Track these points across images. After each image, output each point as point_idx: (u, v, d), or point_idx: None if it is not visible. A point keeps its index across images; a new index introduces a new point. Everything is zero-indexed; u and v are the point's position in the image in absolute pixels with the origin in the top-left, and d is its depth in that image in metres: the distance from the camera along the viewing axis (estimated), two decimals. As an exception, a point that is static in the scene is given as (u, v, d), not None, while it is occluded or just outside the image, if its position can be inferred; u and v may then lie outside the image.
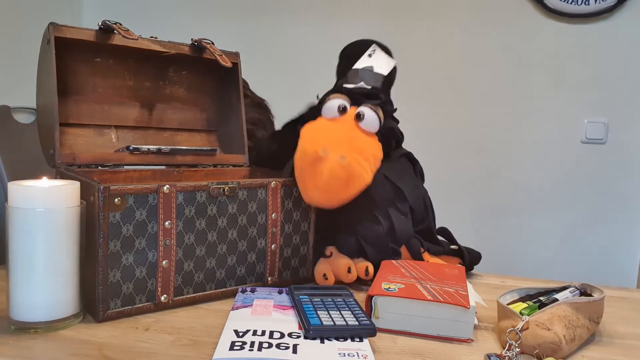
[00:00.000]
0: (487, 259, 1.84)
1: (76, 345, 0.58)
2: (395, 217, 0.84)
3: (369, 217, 0.84)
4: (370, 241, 0.83)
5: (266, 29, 2.00)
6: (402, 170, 0.90)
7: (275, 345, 0.57)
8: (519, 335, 0.58)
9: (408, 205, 0.87)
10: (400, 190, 0.86)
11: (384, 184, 0.85)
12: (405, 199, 0.86)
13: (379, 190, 0.84)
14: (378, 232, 0.83)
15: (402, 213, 0.86)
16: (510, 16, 1.80)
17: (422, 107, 1.89)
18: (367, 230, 0.83)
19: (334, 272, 0.81)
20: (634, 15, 1.71)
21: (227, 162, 0.95)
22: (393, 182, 0.86)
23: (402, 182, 0.87)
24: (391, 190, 0.86)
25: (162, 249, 0.67)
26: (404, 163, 0.92)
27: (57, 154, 0.75)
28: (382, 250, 0.83)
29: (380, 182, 0.84)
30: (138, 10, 2.10)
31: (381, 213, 0.84)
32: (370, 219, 0.84)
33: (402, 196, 0.86)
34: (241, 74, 0.97)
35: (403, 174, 0.89)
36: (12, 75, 1.75)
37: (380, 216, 0.84)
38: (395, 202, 0.85)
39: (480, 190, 1.88)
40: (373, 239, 0.83)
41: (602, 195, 1.79)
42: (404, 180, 0.88)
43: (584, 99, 1.77)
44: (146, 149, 0.85)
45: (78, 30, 0.79)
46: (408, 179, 0.89)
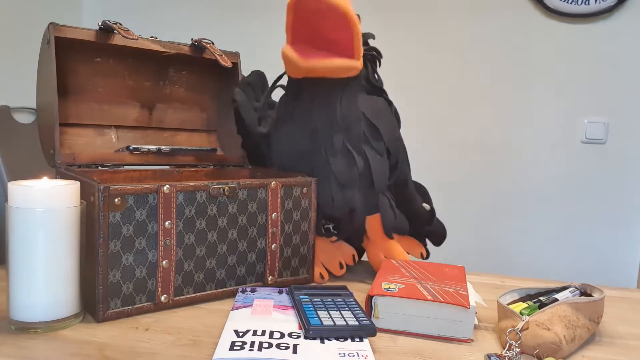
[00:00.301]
0: (487, 259, 1.86)
1: (76, 345, 0.58)
2: (371, 156, 0.82)
3: (345, 157, 0.82)
4: (344, 182, 0.81)
5: (266, 29, 2.00)
6: (379, 109, 0.87)
7: (276, 345, 0.57)
8: (519, 335, 0.58)
9: (384, 145, 0.84)
10: (376, 129, 0.84)
11: (360, 121, 0.82)
12: (381, 138, 0.84)
13: (354, 127, 0.82)
14: (352, 170, 0.81)
15: (378, 152, 0.83)
16: (510, 16, 1.80)
17: (422, 107, 1.89)
18: (341, 169, 0.81)
19: (327, 267, 0.84)
20: (634, 15, 1.71)
21: (227, 162, 0.95)
22: (369, 119, 0.83)
23: (378, 120, 0.84)
24: (367, 127, 0.83)
25: (162, 249, 0.67)
26: (381, 102, 0.89)
27: (57, 154, 0.75)
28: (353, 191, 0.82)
29: (357, 118, 0.82)
30: (138, 10, 2.10)
31: (359, 151, 0.82)
32: (347, 159, 0.82)
33: (378, 135, 0.84)
34: (241, 74, 0.97)
35: (380, 112, 0.86)
36: (12, 75, 1.75)
37: (357, 154, 0.82)
38: (370, 140, 0.83)
39: (480, 190, 1.88)
40: (346, 180, 0.81)
41: (602, 195, 1.79)
42: (381, 119, 0.85)
43: (584, 99, 1.77)
44: (146, 149, 0.85)
45: (78, 30, 0.79)
46: (385, 118, 0.86)
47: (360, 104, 0.83)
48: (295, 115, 0.83)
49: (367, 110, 0.83)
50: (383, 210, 0.85)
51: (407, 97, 1.88)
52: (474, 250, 1.83)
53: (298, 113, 0.83)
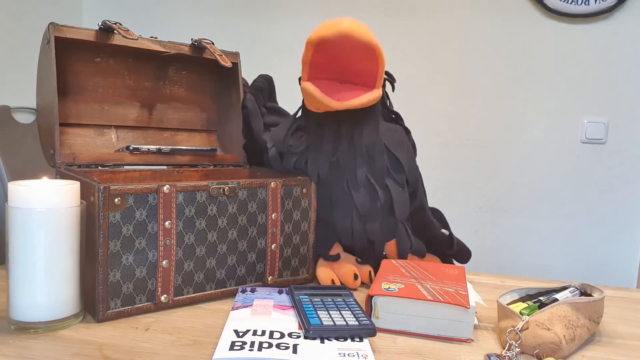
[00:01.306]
0: (487, 259, 1.85)
1: (76, 345, 0.58)
2: (393, 189, 0.82)
3: (364, 185, 0.81)
4: (366, 216, 0.81)
5: (266, 29, 2.00)
6: (399, 138, 0.87)
7: (275, 345, 0.57)
8: (519, 335, 0.58)
9: (405, 177, 0.84)
10: (397, 160, 0.84)
11: (382, 153, 0.83)
12: (402, 169, 0.84)
13: (377, 158, 0.82)
14: (374, 204, 0.81)
15: (399, 184, 0.84)
16: (510, 16, 1.80)
17: (422, 107, 1.89)
18: (363, 202, 0.81)
19: (339, 277, 0.81)
20: (634, 15, 1.71)
21: (227, 162, 0.95)
22: (391, 150, 0.83)
23: (399, 152, 0.85)
24: (388, 158, 0.83)
25: (162, 249, 0.67)
26: (400, 131, 0.89)
27: (57, 154, 0.75)
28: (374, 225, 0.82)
29: (379, 150, 0.82)
30: (138, 10, 2.10)
31: (380, 184, 0.82)
32: (366, 188, 0.82)
33: (400, 167, 0.84)
34: (241, 74, 0.97)
35: (400, 143, 0.86)
36: (12, 75, 1.75)
37: (379, 187, 0.82)
38: (393, 173, 0.83)
39: (480, 190, 1.88)
40: (369, 212, 0.81)
41: (602, 195, 1.79)
42: (402, 150, 0.85)
43: (584, 99, 1.78)
44: (146, 149, 0.85)
45: (78, 30, 0.79)
46: (405, 148, 0.87)
47: (382, 134, 0.83)
48: (313, 146, 0.83)
49: (388, 141, 0.84)
50: (399, 238, 0.85)
51: (407, 97, 1.88)
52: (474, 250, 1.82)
53: (317, 144, 0.83)
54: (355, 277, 0.80)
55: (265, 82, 0.94)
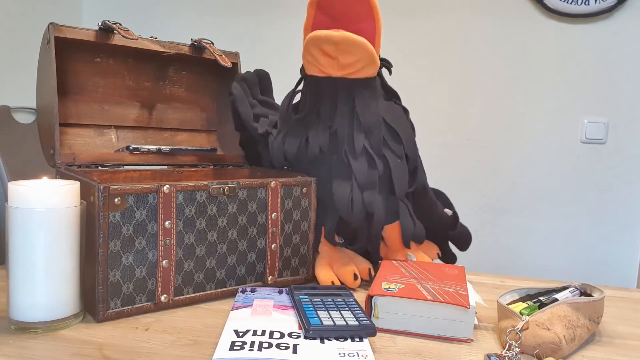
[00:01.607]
0: (487, 259, 1.85)
1: (76, 345, 0.58)
2: (391, 159, 0.82)
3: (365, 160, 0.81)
4: (365, 185, 0.81)
5: (266, 29, 2.00)
6: (397, 114, 0.87)
7: (275, 345, 0.57)
8: (519, 335, 0.58)
9: (403, 149, 0.84)
10: (395, 132, 0.84)
11: (380, 125, 0.83)
12: (400, 142, 0.84)
13: (375, 130, 0.82)
14: (372, 173, 0.81)
15: (398, 156, 0.83)
16: (510, 16, 1.80)
17: (422, 107, 1.89)
18: (362, 170, 0.81)
19: (339, 277, 0.81)
20: (634, 15, 1.71)
21: (227, 162, 0.95)
22: (389, 123, 0.83)
23: (398, 125, 0.84)
24: (387, 131, 0.83)
25: (162, 248, 0.67)
26: (399, 110, 0.89)
27: (57, 154, 0.75)
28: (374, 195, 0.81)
29: (377, 124, 0.82)
30: (138, 10, 2.10)
31: (379, 155, 0.82)
32: (364, 157, 0.81)
33: (398, 139, 0.84)
34: (241, 74, 0.97)
35: (399, 119, 0.86)
36: (12, 75, 1.75)
37: (377, 158, 0.81)
38: (390, 144, 0.83)
39: (480, 190, 1.88)
40: (367, 182, 0.81)
41: (602, 195, 1.79)
42: (401, 124, 0.85)
43: (584, 99, 1.78)
44: (146, 149, 0.85)
45: (78, 30, 0.79)
46: (403, 123, 0.87)
47: (380, 108, 0.83)
48: (313, 116, 0.83)
49: (387, 115, 0.84)
50: (402, 218, 0.84)
51: (407, 97, 1.88)
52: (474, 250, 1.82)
53: (317, 114, 0.82)
54: (355, 277, 0.80)
55: (255, 76, 0.94)
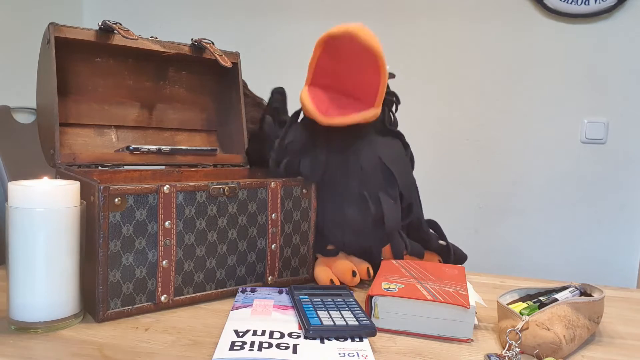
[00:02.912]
0: (487, 259, 1.85)
1: (76, 345, 0.58)
2: (385, 202, 0.82)
3: (359, 203, 0.82)
4: (358, 231, 0.82)
5: (266, 29, 2.00)
6: (395, 153, 0.87)
7: (275, 345, 0.57)
8: (519, 335, 0.58)
9: (398, 190, 0.84)
10: (391, 174, 0.84)
11: (377, 167, 0.83)
12: (395, 183, 0.84)
13: (370, 172, 0.82)
14: (366, 219, 0.81)
15: (392, 197, 0.83)
16: (510, 16, 1.80)
17: (422, 107, 1.89)
18: (356, 219, 0.81)
19: (338, 276, 0.81)
20: (634, 15, 1.71)
21: (227, 162, 0.95)
22: (385, 164, 0.83)
23: (394, 166, 0.84)
24: (382, 173, 0.83)
25: (162, 249, 0.67)
26: (398, 146, 0.89)
27: (57, 154, 0.75)
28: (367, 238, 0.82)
29: (374, 165, 0.82)
30: (138, 10, 2.10)
31: (372, 197, 0.82)
32: (360, 205, 0.82)
33: (393, 180, 0.84)
34: (241, 74, 0.97)
35: (396, 157, 0.86)
36: (12, 75, 1.75)
37: (371, 200, 0.82)
38: (386, 186, 0.83)
39: (480, 190, 1.88)
40: (361, 229, 0.82)
41: (602, 195, 1.79)
42: (397, 164, 0.85)
43: (583, 99, 1.78)
44: (146, 149, 0.85)
45: (78, 30, 0.79)
46: (401, 163, 0.87)
47: (378, 148, 0.83)
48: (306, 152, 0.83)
49: (384, 155, 0.84)
50: (393, 242, 0.85)
51: (407, 97, 1.88)
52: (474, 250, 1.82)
53: (310, 152, 0.83)
54: (354, 275, 0.80)
55: (280, 99, 0.93)
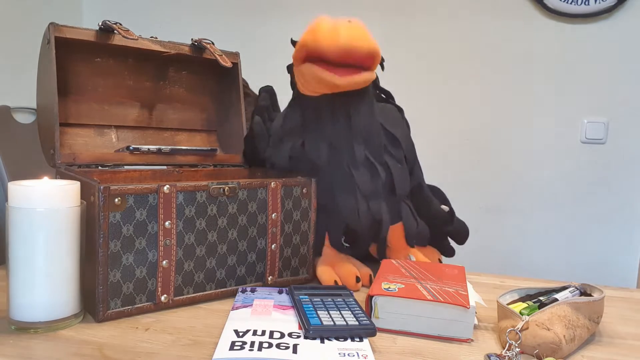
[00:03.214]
0: (487, 259, 1.85)
1: (76, 345, 0.58)
2: (392, 166, 0.83)
3: (364, 164, 0.81)
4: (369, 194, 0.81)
5: (266, 29, 2.00)
6: (394, 117, 0.88)
7: (276, 345, 0.57)
8: (519, 335, 0.58)
9: (402, 153, 0.85)
10: (395, 138, 0.84)
11: (379, 131, 0.83)
12: (400, 146, 0.85)
13: (374, 138, 0.82)
14: (376, 182, 0.81)
15: (398, 161, 0.84)
16: (510, 16, 1.80)
17: (422, 106, 1.89)
18: (365, 180, 0.81)
19: (341, 279, 0.81)
20: (634, 15, 1.71)
21: (227, 162, 0.95)
22: (387, 128, 0.84)
23: (396, 129, 0.85)
24: (386, 136, 0.84)
25: (162, 249, 0.67)
26: (394, 110, 0.89)
27: (57, 154, 0.75)
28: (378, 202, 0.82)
29: (376, 130, 0.83)
30: (138, 10, 2.10)
31: (381, 162, 0.82)
32: (366, 167, 0.82)
33: (397, 144, 0.85)
34: (241, 74, 0.97)
35: (396, 121, 0.87)
36: (12, 75, 1.75)
37: (380, 165, 0.82)
38: (390, 150, 0.84)
39: (479, 190, 1.88)
40: (371, 192, 0.81)
41: (602, 195, 1.79)
42: (398, 128, 0.86)
43: (583, 99, 1.78)
44: (146, 149, 0.85)
45: (78, 30, 0.79)
46: (401, 126, 0.88)
47: (377, 113, 0.84)
48: (310, 130, 0.83)
49: (384, 120, 0.84)
50: (406, 219, 0.85)
51: (407, 97, 1.88)
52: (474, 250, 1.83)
53: (313, 128, 0.82)
54: (357, 280, 0.80)
55: (268, 97, 0.94)
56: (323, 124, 0.82)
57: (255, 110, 0.91)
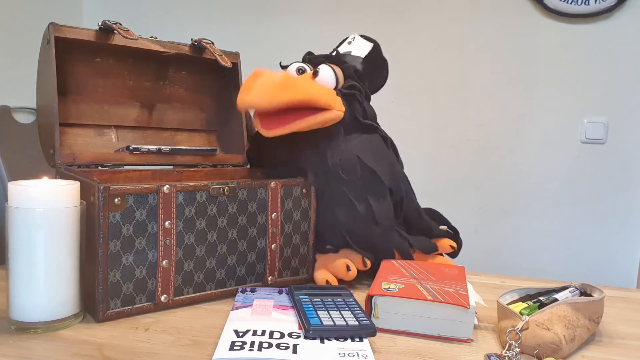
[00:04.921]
0: (487, 259, 1.85)
1: (76, 345, 0.58)
2: (373, 202, 0.81)
3: (346, 205, 0.81)
4: (356, 231, 0.81)
5: (266, 29, 2.00)
6: (374, 149, 0.85)
7: (275, 345, 0.57)
8: (519, 335, 0.58)
9: (386, 188, 0.83)
10: (374, 173, 0.82)
11: (356, 166, 0.81)
12: (380, 180, 0.82)
13: (352, 173, 0.81)
14: (360, 220, 0.81)
15: (380, 196, 0.82)
16: (510, 16, 1.80)
17: (421, 106, 1.89)
18: (350, 220, 0.81)
19: (333, 274, 0.81)
20: (634, 15, 1.71)
21: (227, 162, 0.95)
22: (366, 164, 0.82)
23: (376, 163, 0.83)
24: (366, 172, 0.82)
25: (162, 249, 0.67)
26: (377, 140, 0.87)
27: (57, 154, 0.75)
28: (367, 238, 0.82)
29: (353, 164, 0.81)
30: (138, 10, 2.10)
31: (358, 198, 0.81)
32: (348, 207, 0.81)
33: (377, 178, 0.82)
34: (241, 74, 0.97)
35: (376, 153, 0.85)
36: (12, 75, 1.75)
37: (357, 202, 0.81)
38: (371, 185, 0.82)
39: (479, 190, 1.88)
40: (358, 229, 0.81)
41: (602, 195, 1.79)
42: (379, 160, 0.84)
43: (583, 99, 1.77)
44: (146, 149, 0.85)
45: (78, 30, 0.79)
46: (382, 158, 0.85)
47: (355, 147, 0.82)
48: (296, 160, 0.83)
49: (363, 153, 0.82)
50: (397, 244, 0.85)
51: (407, 97, 1.88)
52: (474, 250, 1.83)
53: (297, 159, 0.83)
54: (348, 269, 0.79)
55: None
56: (301, 159, 0.83)
57: None
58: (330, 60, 0.86)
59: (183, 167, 0.89)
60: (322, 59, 0.86)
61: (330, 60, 0.86)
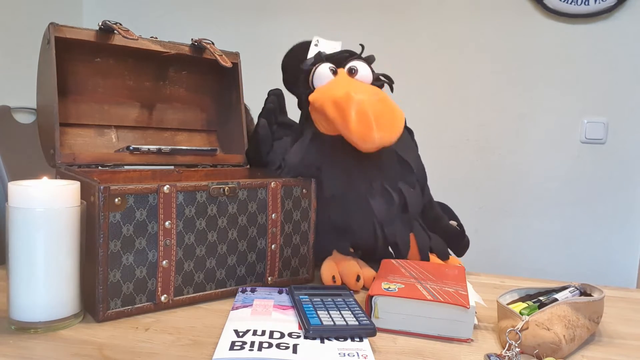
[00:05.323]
0: (487, 259, 1.85)
1: (76, 345, 0.58)
2: (406, 191, 0.85)
3: (380, 193, 0.83)
4: (385, 221, 0.83)
5: (266, 29, 2.00)
6: (405, 142, 0.88)
7: (275, 345, 0.57)
8: (518, 335, 0.58)
9: (415, 177, 0.87)
10: (407, 163, 0.86)
11: (394, 160, 0.85)
12: (412, 170, 0.86)
13: (386, 163, 0.84)
14: (390, 208, 0.83)
15: (411, 185, 0.86)
16: (510, 16, 1.80)
17: (421, 106, 1.89)
18: (380, 209, 0.83)
19: (341, 274, 0.80)
20: (634, 15, 1.71)
21: (227, 162, 0.95)
22: (400, 155, 0.86)
23: (408, 155, 0.87)
24: (399, 163, 0.86)
25: (162, 249, 0.67)
26: (405, 134, 0.90)
27: (57, 154, 0.75)
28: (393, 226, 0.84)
29: (391, 158, 0.84)
30: (138, 10, 2.10)
31: (393, 187, 0.84)
32: (382, 194, 0.83)
33: (410, 169, 0.86)
34: (241, 74, 0.97)
35: (406, 145, 0.88)
36: (12, 75, 1.75)
37: (392, 190, 0.84)
38: (404, 176, 0.86)
39: (479, 190, 1.88)
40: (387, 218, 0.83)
41: (602, 195, 1.79)
42: (410, 153, 0.88)
43: (583, 99, 1.77)
44: (146, 149, 0.85)
45: (78, 30, 0.79)
46: (412, 150, 0.89)
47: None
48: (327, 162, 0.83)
49: (397, 146, 0.84)
50: (417, 234, 0.87)
51: (407, 97, 1.88)
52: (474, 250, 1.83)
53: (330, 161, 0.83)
54: (358, 279, 0.79)
55: (277, 101, 0.94)
56: (340, 158, 0.83)
57: (262, 113, 0.92)
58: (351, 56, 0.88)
59: (183, 167, 0.89)
60: (347, 54, 0.89)
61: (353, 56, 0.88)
